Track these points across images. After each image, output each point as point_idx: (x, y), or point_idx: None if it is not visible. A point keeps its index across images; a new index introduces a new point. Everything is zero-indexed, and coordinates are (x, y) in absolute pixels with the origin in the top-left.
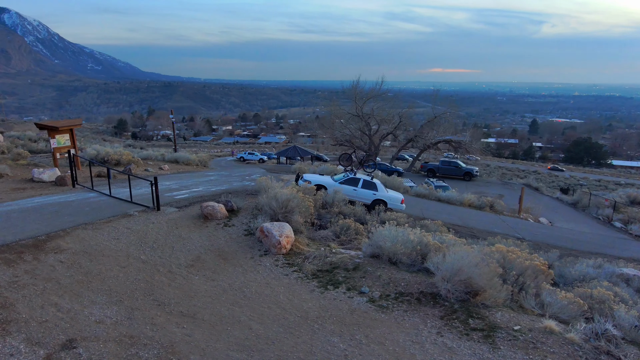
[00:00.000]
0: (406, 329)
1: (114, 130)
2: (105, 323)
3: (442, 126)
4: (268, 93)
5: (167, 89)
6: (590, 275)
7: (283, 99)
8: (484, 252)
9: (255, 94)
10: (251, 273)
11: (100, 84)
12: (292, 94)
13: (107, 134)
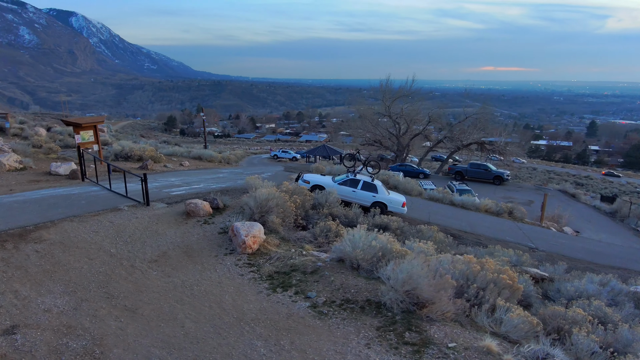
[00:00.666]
0: (336, 338)
1: (164, 126)
2: (52, 312)
3: (476, 127)
4: (313, 92)
5: (216, 87)
6: (588, 292)
7: (328, 97)
8: (450, 261)
9: (301, 93)
10: (208, 271)
11: (155, 82)
12: (337, 93)
13: (158, 130)
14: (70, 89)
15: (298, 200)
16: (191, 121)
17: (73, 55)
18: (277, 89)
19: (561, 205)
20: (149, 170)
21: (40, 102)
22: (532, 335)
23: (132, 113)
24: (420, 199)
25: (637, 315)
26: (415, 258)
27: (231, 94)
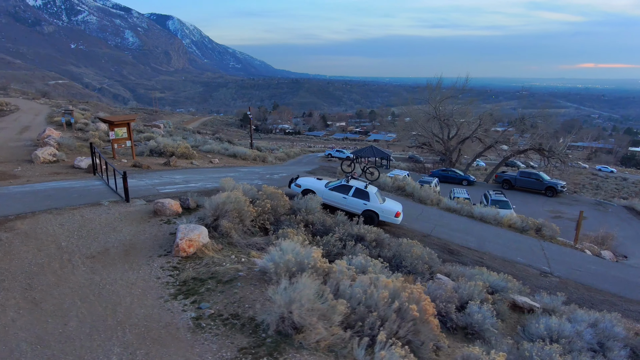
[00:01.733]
0: (192, 355)
1: (239, 122)
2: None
3: (535, 130)
4: (389, 90)
5: (294, 85)
6: (564, 332)
7: (404, 96)
8: (367, 284)
9: (377, 91)
10: (131, 272)
11: (238, 80)
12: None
13: (235, 126)
14: (164, 86)
15: (268, 205)
16: (264, 118)
17: (168, 55)
18: (353, 87)
19: (621, 224)
20: (172, 166)
21: (139, 98)
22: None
23: (216, 109)
24: (436, 208)
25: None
26: (308, 277)
27: (308, 92)
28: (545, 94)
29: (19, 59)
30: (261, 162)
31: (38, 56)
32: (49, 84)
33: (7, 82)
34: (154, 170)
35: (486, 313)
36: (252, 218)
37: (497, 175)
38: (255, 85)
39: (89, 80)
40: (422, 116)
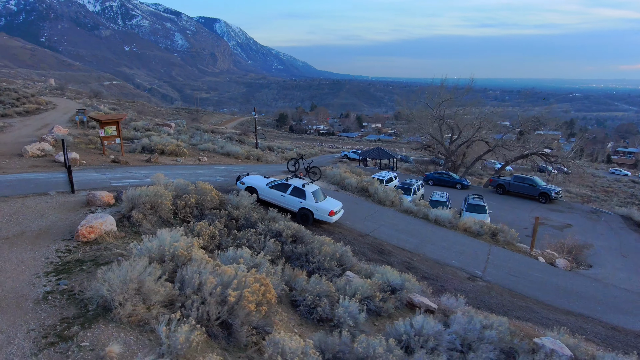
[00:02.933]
0: (19, 321)
1: (275, 123)
2: None
3: (542, 135)
4: (432, 91)
5: (335, 86)
6: (424, 332)
7: (447, 97)
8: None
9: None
10: (30, 252)
11: (280, 81)
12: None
13: (271, 126)
14: (209, 87)
15: (192, 200)
16: (300, 118)
17: (214, 57)
18: (395, 88)
19: (607, 233)
20: (152, 162)
21: (185, 98)
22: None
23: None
24: (392, 210)
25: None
26: (132, 262)
27: (349, 92)
28: (601, 95)
29: (78, 61)
30: (255, 160)
31: (95, 58)
32: (104, 84)
33: (66, 82)
34: (132, 165)
35: (349, 308)
36: (172, 210)
37: (492, 179)
38: (297, 86)
39: (140, 81)
40: (423, 118)
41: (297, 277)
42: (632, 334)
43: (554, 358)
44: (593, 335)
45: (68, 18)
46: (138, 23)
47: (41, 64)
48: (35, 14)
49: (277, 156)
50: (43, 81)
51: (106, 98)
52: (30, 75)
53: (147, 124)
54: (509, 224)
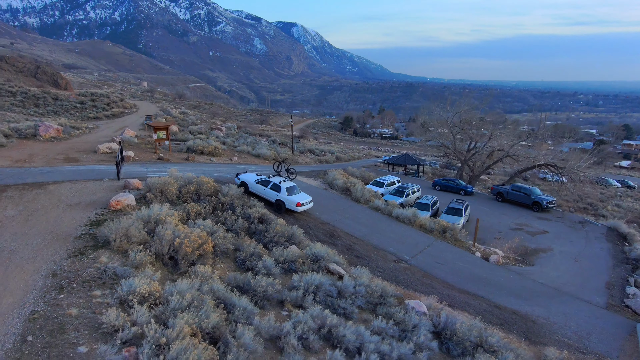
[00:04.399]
0: (59, 245)
1: (340, 126)
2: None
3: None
4: (514, 95)
5: (408, 89)
6: (311, 282)
7: (531, 102)
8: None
9: (498, 96)
10: (80, 213)
11: (352, 84)
12: (543, 97)
13: (336, 129)
14: (284, 89)
15: (192, 188)
16: (364, 122)
17: (290, 60)
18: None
19: (577, 241)
20: (189, 161)
21: (261, 100)
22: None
23: (328, 112)
24: (363, 206)
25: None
26: (129, 219)
27: (422, 95)
28: None
29: (169, 65)
30: (282, 162)
31: (183, 62)
32: (189, 86)
33: (157, 85)
34: (172, 162)
35: (266, 263)
36: (176, 194)
37: (493, 187)
38: (369, 88)
39: (221, 84)
40: (439, 126)
41: (244, 243)
42: (509, 311)
43: (409, 310)
44: (471, 307)
45: (162, 26)
46: (222, 29)
47: (137, 68)
48: (135, 23)
49: (313, 159)
50: (138, 84)
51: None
52: (127, 78)
53: (201, 127)
54: (487, 227)
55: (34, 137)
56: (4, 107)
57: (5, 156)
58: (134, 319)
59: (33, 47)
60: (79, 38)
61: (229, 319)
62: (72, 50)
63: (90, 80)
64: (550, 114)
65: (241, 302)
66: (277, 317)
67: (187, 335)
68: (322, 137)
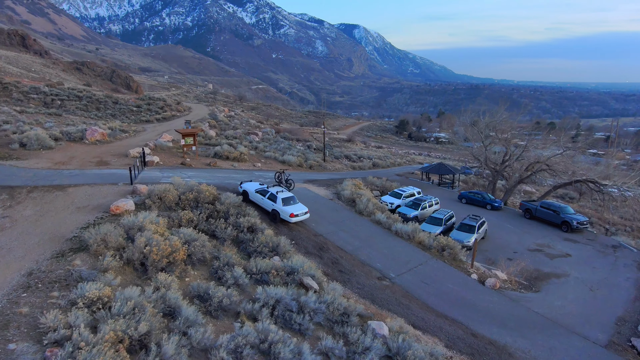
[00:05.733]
0: (56, 241)
1: (395, 129)
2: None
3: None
4: (592, 98)
5: (472, 91)
6: (275, 296)
7: (612, 106)
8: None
9: (574, 99)
10: (82, 215)
11: (413, 86)
12: (626, 100)
13: (390, 132)
14: (343, 91)
15: (191, 196)
16: (421, 125)
17: (350, 62)
18: (544, 94)
19: (602, 268)
20: (211, 166)
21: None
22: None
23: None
24: (364, 219)
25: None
26: (107, 224)
27: (487, 98)
28: None
29: (234, 68)
30: (308, 168)
31: (247, 65)
32: (252, 88)
33: (222, 86)
34: (193, 168)
35: (235, 274)
36: (175, 201)
37: (521, 203)
38: (431, 91)
39: (283, 85)
40: (470, 135)
41: (223, 252)
42: (485, 340)
43: (368, 331)
44: (444, 333)
45: (229, 30)
46: (285, 32)
47: (205, 70)
48: (205, 28)
49: (346, 165)
50: (204, 86)
51: (248, 101)
52: (195, 80)
53: (237, 132)
54: (503, 246)
55: (81, 140)
56: (69, 110)
57: (50, 158)
58: (70, 321)
59: (114, 52)
60: (154, 43)
61: (169, 328)
62: (147, 55)
63: (160, 83)
64: (634, 119)
65: (186, 311)
66: (225, 329)
67: (109, 340)
68: (374, 141)
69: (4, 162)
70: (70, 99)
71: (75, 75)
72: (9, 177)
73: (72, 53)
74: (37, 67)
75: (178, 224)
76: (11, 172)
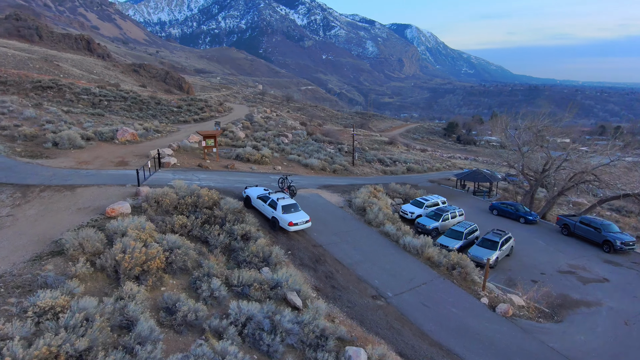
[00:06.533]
0: (55, 229)
1: (443, 131)
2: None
3: None
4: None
5: (530, 92)
6: (248, 314)
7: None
8: None
9: None
10: (77, 217)
11: (467, 86)
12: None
13: (438, 135)
14: (393, 92)
15: (189, 200)
16: (470, 128)
17: (401, 62)
18: (612, 96)
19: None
20: (229, 169)
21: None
22: None
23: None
24: (372, 229)
25: None
26: (90, 229)
27: (548, 100)
28: None
29: (284, 69)
30: (331, 173)
31: (298, 66)
32: (301, 89)
33: (271, 87)
34: (210, 170)
35: (212, 286)
36: (173, 205)
37: (559, 217)
38: (485, 92)
39: (332, 86)
40: (507, 142)
41: (209, 261)
42: None
43: (344, 358)
44: None
45: (280, 32)
46: (336, 33)
47: (256, 71)
48: (258, 30)
49: (377, 169)
50: (254, 86)
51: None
52: (246, 81)
53: (266, 134)
54: (530, 265)
55: (111, 140)
56: (113, 111)
57: (76, 158)
58: (7, 332)
59: (173, 55)
60: (210, 45)
61: (117, 343)
62: (203, 57)
63: (212, 84)
64: None
65: (142, 325)
66: (185, 346)
67: (38, 357)
68: (420, 143)
69: (32, 161)
70: (116, 99)
71: (133, 76)
72: (30, 176)
73: (134, 56)
74: (99, 69)
75: (171, 229)
76: (34, 171)
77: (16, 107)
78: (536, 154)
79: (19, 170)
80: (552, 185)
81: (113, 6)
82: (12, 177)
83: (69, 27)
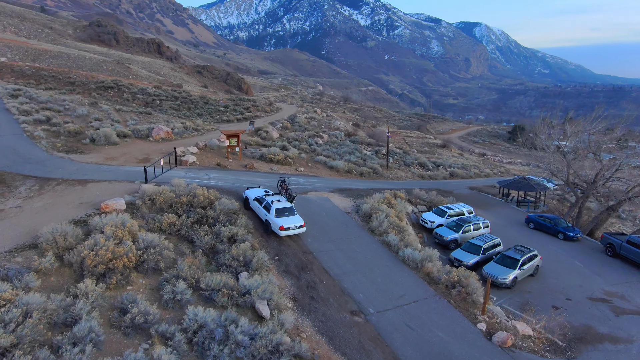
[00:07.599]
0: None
1: (508, 135)
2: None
3: None
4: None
5: (614, 93)
6: (208, 326)
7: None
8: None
9: None
10: (76, 211)
11: (540, 87)
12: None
13: (502, 138)
14: (458, 93)
15: (184, 199)
16: (535, 132)
17: (468, 62)
18: None
19: None
20: (248, 168)
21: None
22: None
23: (506, 118)
24: (373, 238)
25: None
26: (69, 225)
27: (634, 102)
28: None
29: (345, 69)
30: (358, 175)
31: (360, 67)
32: (361, 89)
33: (331, 88)
34: (228, 169)
35: (178, 288)
36: (168, 203)
37: (603, 235)
38: (561, 93)
39: (393, 87)
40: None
41: (185, 262)
42: None
43: None
44: None
45: (343, 33)
46: (399, 33)
47: (318, 72)
48: (321, 32)
49: (413, 173)
50: (314, 87)
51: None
52: (307, 82)
53: (298, 135)
54: (557, 289)
55: (147, 138)
56: (162, 109)
57: (106, 154)
58: None
59: (239, 57)
60: (275, 47)
61: (51, 343)
62: (267, 58)
63: (273, 84)
64: None
65: (82, 325)
66: (127, 349)
67: None
68: (480, 147)
69: (66, 156)
70: (168, 99)
71: (196, 77)
72: (54, 170)
73: (203, 58)
74: (166, 70)
75: (159, 228)
76: (61, 165)
77: (73, 105)
78: (587, 161)
79: (48, 164)
80: (605, 198)
81: (186, 11)
82: (38, 171)
83: (147, 32)
